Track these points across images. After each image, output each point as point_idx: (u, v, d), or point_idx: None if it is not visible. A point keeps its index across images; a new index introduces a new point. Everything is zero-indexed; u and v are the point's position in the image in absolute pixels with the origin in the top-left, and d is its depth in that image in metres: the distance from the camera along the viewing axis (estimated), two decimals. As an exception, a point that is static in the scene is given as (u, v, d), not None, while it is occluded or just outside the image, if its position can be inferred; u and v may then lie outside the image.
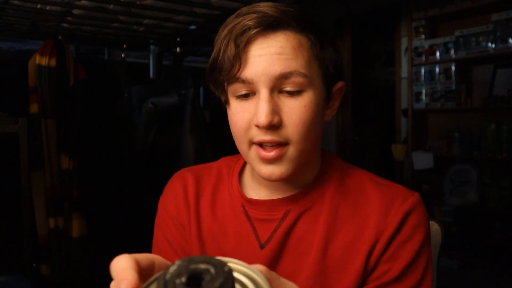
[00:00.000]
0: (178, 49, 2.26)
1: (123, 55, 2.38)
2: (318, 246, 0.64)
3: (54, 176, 2.10)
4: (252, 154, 0.63)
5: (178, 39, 2.25)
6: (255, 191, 0.72)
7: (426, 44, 3.22)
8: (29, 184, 1.97)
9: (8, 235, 2.11)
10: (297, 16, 0.61)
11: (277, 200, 0.68)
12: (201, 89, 3.17)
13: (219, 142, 2.10)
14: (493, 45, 2.87)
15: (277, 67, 0.59)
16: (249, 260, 0.64)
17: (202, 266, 0.30)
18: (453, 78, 3.12)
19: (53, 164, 2.10)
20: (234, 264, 0.33)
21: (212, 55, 0.64)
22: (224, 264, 0.30)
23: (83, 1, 1.68)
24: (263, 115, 0.58)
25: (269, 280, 0.33)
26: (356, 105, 4.19)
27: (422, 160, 3.25)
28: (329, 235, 0.65)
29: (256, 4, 0.62)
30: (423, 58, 3.24)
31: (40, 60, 2.07)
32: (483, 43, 2.93)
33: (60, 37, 2.13)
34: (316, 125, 0.63)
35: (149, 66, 2.70)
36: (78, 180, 2.17)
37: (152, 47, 2.65)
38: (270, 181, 0.67)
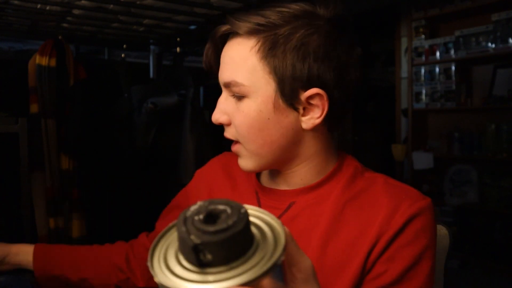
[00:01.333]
0: (178, 49, 2.26)
1: (123, 55, 2.38)
2: (318, 242, 0.65)
3: (54, 176, 2.10)
4: None
5: (178, 39, 2.25)
6: (268, 180, 0.77)
7: (426, 44, 3.22)
8: (29, 184, 1.96)
9: (8, 235, 2.11)
10: (256, 16, 0.62)
11: (285, 191, 0.72)
12: (201, 89, 3.17)
13: (219, 142, 2.10)
14: (493, 45, 2.87)
15: (224, 76, 0.66)
16: None
17: (221, 207, 0.33)
18: (453, 78, 3.12)
19: (53, 164, 2.10)
20: (253, 210, 0.36)
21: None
22: (241, 206, 0.33)
23: (83, 1, 1.68)
24: (214, 113, 0.68)
25: (287, 241, 0.34)
26: (356, 105, 4.19)
27: (422, 160, 3.25)
28: (330, 233, 0.65)
29: (236, 13, 0.66)
30: (423, 58, 3.24)
31: (40, 60, 2.07)
32: (483, 43, 2.93)
33: (60, 37, 2.13)
34: (264, 130, 0.64)
35: (149, 66, 2.70)
36: (78, 180, 2.16)
37: (152, 47, 2.65)
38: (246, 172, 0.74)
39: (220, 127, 0.71)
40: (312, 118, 0.66)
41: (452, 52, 3.08)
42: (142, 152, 2.21)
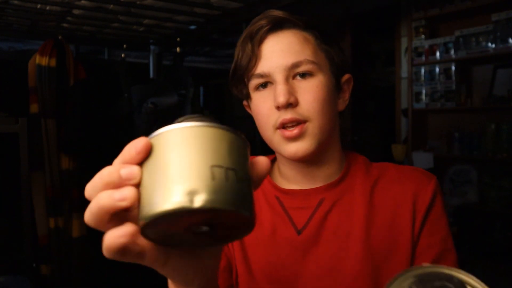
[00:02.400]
0: (178, 49, 2.26)
1: (123, 55, 2.38)
2: (361, 230, 0.70)
3: (54, 176, 2.10)
4: (277, 137, 0.70)
5: (178, 39, 2.25)
6: (287, 183, 0.78)
7: (426, 44, 3.22)
8: (29, 184, 1.96)
9: (8, 235, 2.11)
10: (302, 17, 0.73)
11: (311, 190, 0.75)
12: (201, 89, 3.17)
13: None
14: (493, 45, 2.87)
15: (288, 59, 0.68)
16: (287, 244, 0.72)
17: (437, 283, 0.33)
18: (453, 78, 3.12)
19: (53, 164, 2.10)
20: (464, 276, 0.36)
21: (234, 59, 0.74)
22: (462, 283, 0.33)
23: (83, 1, 1.68)
24: (280, 95, 0.66)
25: None
26: (356, 105, 4.19)
27: (422, 160, 3.25)
28: (369, 219, 0.71)
29: (267, 11, 0.73)
30: (423, 58, 3.24)
31: (40, 60, 2.07)
32: (483, 43, 2.93)
33: (60, 37, 2.13)
34: (329, 105, 0.71)
35: (149, 66, 2.70)
36: (78, 180, 2.17)
37: (152, 47, 2.65)
38: (296, 160, 0.73)
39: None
40: (344, 99, 0.78)
41: (452, 52, 3.08)
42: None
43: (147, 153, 0.33)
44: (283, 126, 0.68)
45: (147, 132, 0.34)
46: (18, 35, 2.36)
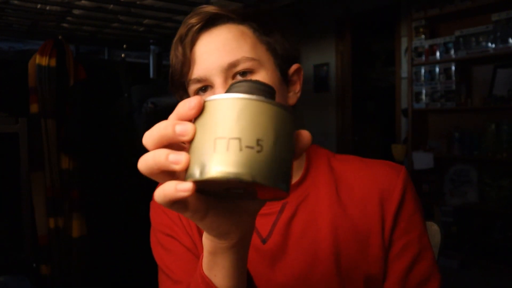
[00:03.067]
0: (178, 49, 2.26)
1: (123, 55, 2.38)
2: (328, 231, 0.66)
3: (54, 176, 2.10)
4: None
5: (178, 39, 2.25)
6: None
7: (426, 44, 3.22)
8: (29, 184, 1.96)
9: (8, 235, 2.11)
10: (237, 9, 0.67)
11: None
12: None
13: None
14: (493, 45, 2.87)
15: (224, 58, 0.63)
16: (253, 254, 0.66)
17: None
18: (453, 78, 3.12)
19: (53, 164, 2.10)
20: None
21: (170, 64, 0.69)
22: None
23: (83, 1, 1.68)
24: None
25: None
26: (356, 105, 4.19)
27: (422, 160, 3.25)
28: (336, 219, 0.67)
29: (199, 7, 0.67)
30: (423, 58, 3.24)
31: (40, 60, 2.07)
32: (483, 43, 2.93)
33: (60, 37, 2.13)
34: None
35: (149, 66, 2.70)
36: (78, 180, 2.17)
37: (152, 47, 2.65)
38: None
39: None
40: (294, 92, 0.72)
41: (452, 52, 3.08)
42: (142, 152, 2.21)
43: (199, 111, 0.35)
44: None
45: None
46: (18, 35, 2.36)
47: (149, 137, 0.37)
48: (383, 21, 4.17)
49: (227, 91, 0.39)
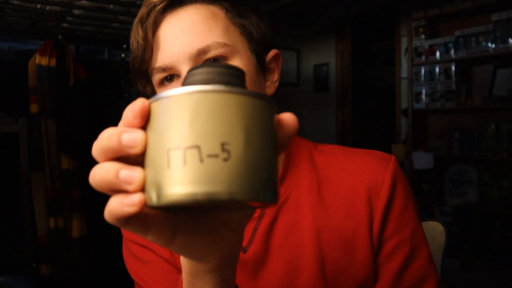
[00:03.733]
0: (178, 49, 2.26)
1: (123, 55, 2.38)
2: (311, 235, 0.60)
3: (54, 176, 2.10)
4: None
5: (178, 39, 2.25)
6: None
7: (426, 44, 3.22)
8: (29, 184, 1.96)
9: (8, 235, 2.11)
10: None
11: None
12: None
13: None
14: (493, 45, 2.87)
15: (193, 44, 0.54)
16: None
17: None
18: (453, 78, 3.12)
19: (53, 164, 2.10)
20: None
21: (131, 50, 0.60)
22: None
23: (83, 1, 1.68)
24: None
25: None
26: (356, 105, 4.19)
27: (422, 160, 3.25)
28: (319, 221, 0.61)
29: None
30: (423, 58, 3.24)
31: (40, 60, 2.07)
32: (483, 43, 2.93)
33: (60, 37, 2.13)
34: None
35: (149, 66, 2.69)
36: (78, 180, 2.17)
37: (152, 47, 2.64)
38: None
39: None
40: (272, 81, 0.64)
41: (452, 52, 3.08)
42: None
43: (145, 117, 0.28)
44: None
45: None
46: (18, 35, 2.36)
47: (95, 148, 0.29)
48: (383, 21, 4.17)
49: (184, 82, 0.31)
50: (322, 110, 4.26)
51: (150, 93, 0.62)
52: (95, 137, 0.31)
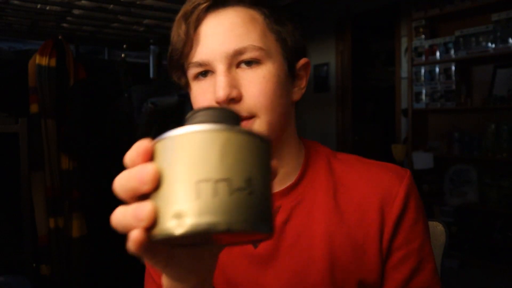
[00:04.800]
0: (178, 49, 2.26)
1: (123, 55, 2.38)
2: (323, 238, 0.62)
3: (54, 176, 2.10)
4: None
5: (178, 39, 2.25)
6: None
7: (426, 44, 3.22)
8: (29, 184, 1.96)
9: (8, 235, 2.11)
10: None
11: None
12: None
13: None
14: (493, 45, 2.87)
15: (230, 44, 0.58)
16: (243, 260, 0.64)
17: None
18: (453, 78, 3.12)
19: (53, 164, 2.10)
20: None
21: (170, 42, 0.63)
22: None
23: (83, 1, 1.68)
24: (220, 88, 0.57)
25: None
26: (356, 105, 4.19)
27: (422, 160, 3.25)
28: (332, 226, 0.63)
29: None
30: (423, 58, 3.24)
31: (40, 60, 2.07)
32: (483, 43, 2.93)
33: (60, 37, 2.13)
34: (280, 98, 0.61)
35: (149, 66, 2.70)
36: (78, 180, 2.17)
37: (152, 47, 2.64)
38: None
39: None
40: (299, 88, 0.67)
41: (452, 52, 3.08)
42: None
43: (148, 158, 0.31)
44: None
45: (147, 132, 0.33)
46: (18, 35, 2.36)
47: (117, 189, 0.35)
48: (383, 21, 4.17)
49: (188, 120, 0.33)
50: (322, 110, 4.26)
51: (184, 84, 0.66)
52: (95, 137, 0.32)
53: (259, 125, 0.59)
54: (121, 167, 0.34)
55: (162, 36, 2.40)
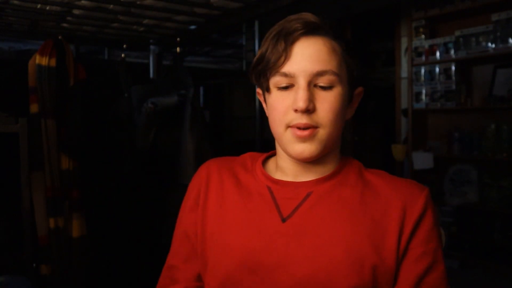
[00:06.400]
0: (178, 49, 2.26)
1: (123, 55, 2.37)
2: (345, 224, 0.72)
3: (54, 176, 2.10)
4: (288, 135, 0.74)
5: (178, 39, 2.25)
6: (280, 175, 0.82)
7: (426, 44, 3.22)
8: (29, 184, 1.96)
9: (8, 235, 2.11)
10: (333, 26, 0.76)
11: (301, 183, 0.78)
12: (201, 89, 3.17)
13: (219, 142, 2.09)
14: (493, 45, 2.87)
15: (316, 66, 0.71)
16: (270, 230, 0.74)
17: None
18: (453, 78, 3.12)
19: (53, 164, 2.10)
20: None
21: (260, 51, 0.76)
22: None
23: (83, 1, 1.68)
24: (301, 101, 0.70)
25: None
26: (356, 105, 4.18)
27: (422, 160, 3.25)
28: (354, 216, 0.73)
29: (302, 13, 0.77)
30: (423, 58, 3.24)
31: (40, 60, 2.06)
32: (483, 43, 2.93)
33: (60, 37, 2.13)
34: (341, 115, 0.75)
35: (149, 66, 2.70)
36: (78, 180, 2.16)
37: (152, 47, 2.65)
38: (299, 160, 0.77)
39: (220, 128, 0.72)
40: (352, 109, 0.82)
41: (452, 52, 3.08)
42: (142, 152, 2.21)
43: None
44: (296, 126, 0.73)
45: (147, 132, 0.32)
46: (18, 35, 2.36)
47: None
48: (383, 21, 4.17)
49: None
50: (322, 110, 4.25)
51: (264, 88, 0.78)
52: (95, 137, 0.32)
53: (322, 135, 0.73)
54: (121, 167, 0.34)
55: (162, 36, 2.40)
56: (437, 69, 3.19)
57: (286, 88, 0.74)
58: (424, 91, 3.27)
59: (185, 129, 2.07)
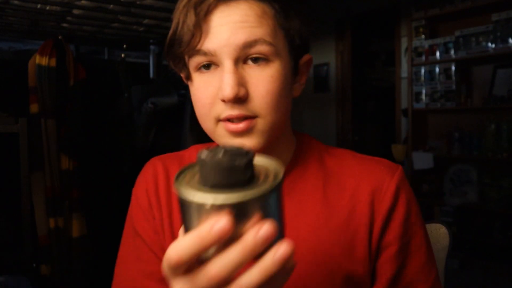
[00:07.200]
0: (178, 49, 2.26)
1: (123, 55, 2.38)
2: (310, 230, 0.62)
3: (54, 176, 2.10)
4: (220, 131, 0.59)
5: (178, 39, 2.25)
6: None
7: (426, 44, 3.22)
8: (29, 184, 1.96)
9: (8, 235, 2.11)
10: None
11: None
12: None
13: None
14: (493, 45, 2.87)
15: (241, 36, 0.55)
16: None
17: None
18: (453, 78, 3.12)
19: (53, 164, 2.10)
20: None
21: (171, 28, 0.61)
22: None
23: (83, 1, 1.68)
24: (228, 87, 0.55)
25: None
26: (356, 105, 4.19)
27: (422, 160, 3.25)
28: (320, 218, 0.63)
29: None
30: (423, 58, 3.24)
31: (40, 60, 2.06)
32: (483, 43, 2.93)
33: (60, 37, 2.13)
34: (285, 97, 0.60)
35: (149, 66, 2.70)
36: (78, 180, 2.16)
37: (152, 47, 2.65)
38: None
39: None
40: (300, 84, 0.66)
41: (452, 52, 3.08)
42: (142, 152, 2.21)
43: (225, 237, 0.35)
44: (228, 119, 0.58)
45: (147, 132, 0.33)
46: (18, 35, 2.36)
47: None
48: (383, 21, 4.17)
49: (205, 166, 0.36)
50: (322, 110, 4.26)
51: (185, 76, 0.64)
52: (95, 137, 0.32)
53: (262, 125, 0.58)
54: (121, 167, 0.34)
55: (162, 36, 2.40)
56: (437, 69, 3.19)
57: (208, 67, 0.58)
58: (424, 91, 3.27)
59: (185, 128, 2.07)
